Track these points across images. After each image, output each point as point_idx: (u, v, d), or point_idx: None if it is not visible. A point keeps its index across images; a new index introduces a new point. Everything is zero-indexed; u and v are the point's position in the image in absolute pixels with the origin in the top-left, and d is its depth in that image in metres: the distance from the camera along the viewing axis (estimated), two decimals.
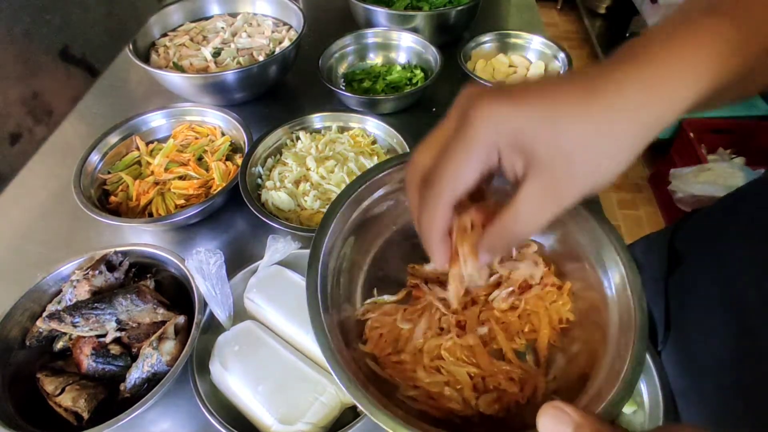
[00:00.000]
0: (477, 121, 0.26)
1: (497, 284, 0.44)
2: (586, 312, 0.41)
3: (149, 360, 0.50)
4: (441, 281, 0.44)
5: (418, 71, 0.92)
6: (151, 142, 0.79)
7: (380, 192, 0.44)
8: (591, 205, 0.40)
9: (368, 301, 0.45)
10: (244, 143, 0.74)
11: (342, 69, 0.95)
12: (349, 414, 0.51)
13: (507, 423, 0.37)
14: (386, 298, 0.45)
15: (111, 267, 0.58)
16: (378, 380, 0.38)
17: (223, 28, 0.95)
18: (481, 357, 0.39)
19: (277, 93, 0.94)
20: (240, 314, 0.56)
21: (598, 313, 0.39)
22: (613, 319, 0.37)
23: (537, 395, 0.38)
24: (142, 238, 0.71)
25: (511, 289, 0.42)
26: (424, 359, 0.39)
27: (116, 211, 0.71)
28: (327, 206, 0.66)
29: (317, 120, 0.78)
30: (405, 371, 0.39)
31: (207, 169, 0.75)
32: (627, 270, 0.37)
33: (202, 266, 0.53)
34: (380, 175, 0.43)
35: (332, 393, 0.48)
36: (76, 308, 0.52)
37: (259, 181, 0.72)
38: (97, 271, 0.56)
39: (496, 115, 0.26)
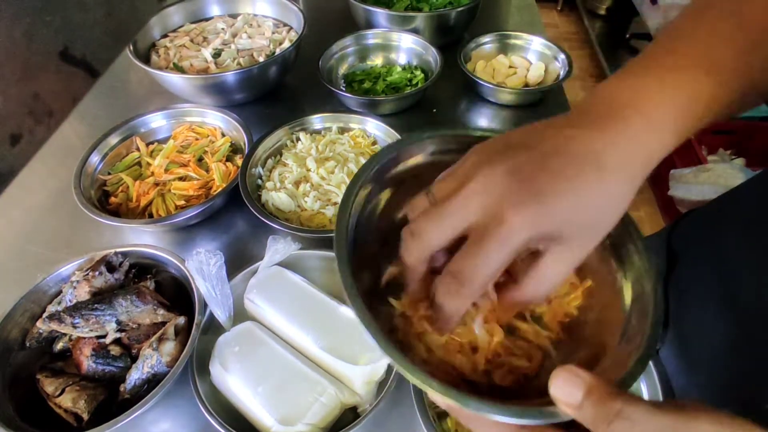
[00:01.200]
0: (516, 232, 0.27)
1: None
2: (600, 297, 0.41)
3: (149, 361, 0.50)
4: None
5: (418, 72, 0.92)
6: (152, 142, 0.80)
7: (418, 158, 0.44)
8: None
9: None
10: (245, 144, 0.74)
11: (342, 70, 0.96)
12: (349, 415, 0.51)
13: (515, 392, 0.37)
14: None
15: (111, 268, 0.58)
16: (395, 341, 0.39)
17: (223, 29, 0.96)
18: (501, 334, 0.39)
19: (278, 94, 0.94)
20: (240, 315, 0.56)
21: (613, 298, 0.39)
22: (626, 303, 0.37)
23: (547, 368, 0.38)
24: (142, 239, 0.71)
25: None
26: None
27: (116, 212, 0.71)
28: (328, 206, 0.67)
29: (317, 121, 0.79)
30: (420, 329, 0.39)
31: (207, 170, 0.75)
32: (643, 257, 0.37)
33: (202, 267, 0.53)
34: (422, 140, 0.43)
35: (332, 394, 0.48)
36: (76, 309, 0.52)
37: (260, 182, 0.72)
38: (97, 272, 0.56)
39: (532, 225, 0.27)
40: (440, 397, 0.29)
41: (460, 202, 0.29)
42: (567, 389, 0.25)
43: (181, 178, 0.74)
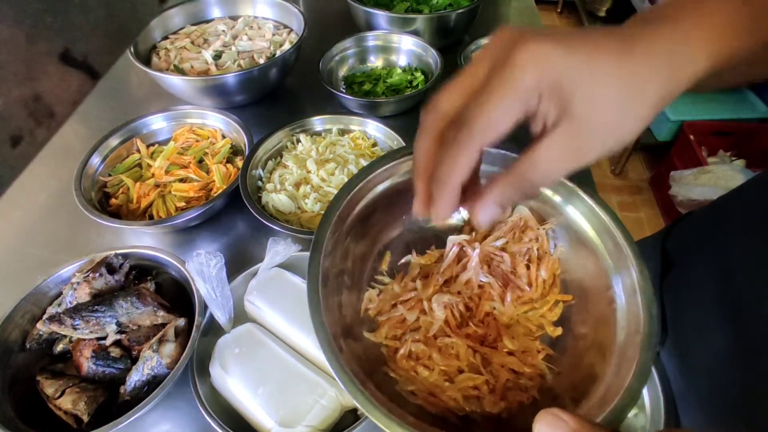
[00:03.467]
0: (522, 62, 0.25)
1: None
2: (593, 316, 0.41)
3: (149, 362, 0.50)
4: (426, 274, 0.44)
5: (418, 74, 0.92)
6: (152, 144, 0.80)
7: (386, 183, 0.44)
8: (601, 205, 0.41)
9: (370, 290, 0.44)
10: (245, 146, 0.74)
11: (342, 72, 0.96)
12: (349, 417, 0.50)
13: (509, 423, 0.37)
14: (387, 280, 0.45)
15: (111, 269, 0.58)
16: (378, 373, 0.38)
17: (224, 31, 0.96)
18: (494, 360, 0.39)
19: (278, 95, 0.94)
20: (240, 317, 0.56)
21: (606, 317, 0.38)
22: (621, 324, 0.37)
23: (541, 396, 0.38)
24: (143, 241, 0.71)
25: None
26: (433, 355, 0.39)
27: (117, 214, 0.71)
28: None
29: (318, 122, 0.79)
30: (407, 367, 0.39)
31: (207, 172, 0.75)
32: (638, 275, 0.37)
33: (202, 269, 0.53)
34: (386, 167, 0.43)
35: (332, 396, 0.48)
36: (76, 311, 0.52)
37: (260, 183, 0.72)
38: (97, 274, 0.56)
39: (543, 56, 0.25)
40: None
41: (472, 62, 0.28)
42: None
43: (182, 180, 0.74)
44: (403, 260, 0.46)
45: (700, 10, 0.27)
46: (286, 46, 0.92)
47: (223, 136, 0.80)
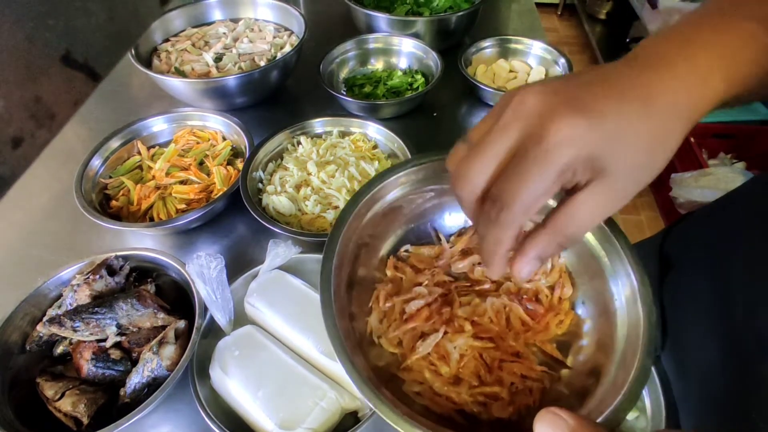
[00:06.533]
0: (557, 142, 0.25)
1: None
2: (594, 321, 0.41)
3: (149, 365, 0.50)
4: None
5: (418, 76, 0.92)
6: (153, 146, 0.80)
7: (398, 191, 0.45)
8: None
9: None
10: (245, 148, 0.75)
11: (343, 74, 0.96)
12: (349, 419, 0.50)
13: (516, 425, 0.37)
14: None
15: (112, 271, 0.58)
16: (385, 375, 0.39)
17: (224, 33, 0.96)
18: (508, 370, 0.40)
19: (279, 98, 0.94)
20: (240, 319, 0.56)
21: (606, 323, 0.39)
22: (621, 330, 0.37)
23: (549, 398, 0.38)
24: (143, 243, 0.71)
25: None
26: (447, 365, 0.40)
27: (117, 216, 0.71)
28: (329, 210, 0.67)
29: (318, 125, 0.79)
30: (418, 368, 0.40)
31: (208, 174, 0.75)
32: (638, 282, 0.37)
33: (202, 271, 0.53)
34: (400, 174, 0.44)
35: (332, 398, 0.48)
36: (76, 313, 0.52)
37: (260, 185, 0.72)
38: (97, 276, 0.56)
39: (577, 135, 0.25)
40: None
41: (497, 131, 0.27)
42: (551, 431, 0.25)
43: (182, 182, 0.74)
44: (402, 249, 0.47)
45: (719, 46, 0.27)
46: (287, 49, 0.92)
47: (224, 138, 0.80)
